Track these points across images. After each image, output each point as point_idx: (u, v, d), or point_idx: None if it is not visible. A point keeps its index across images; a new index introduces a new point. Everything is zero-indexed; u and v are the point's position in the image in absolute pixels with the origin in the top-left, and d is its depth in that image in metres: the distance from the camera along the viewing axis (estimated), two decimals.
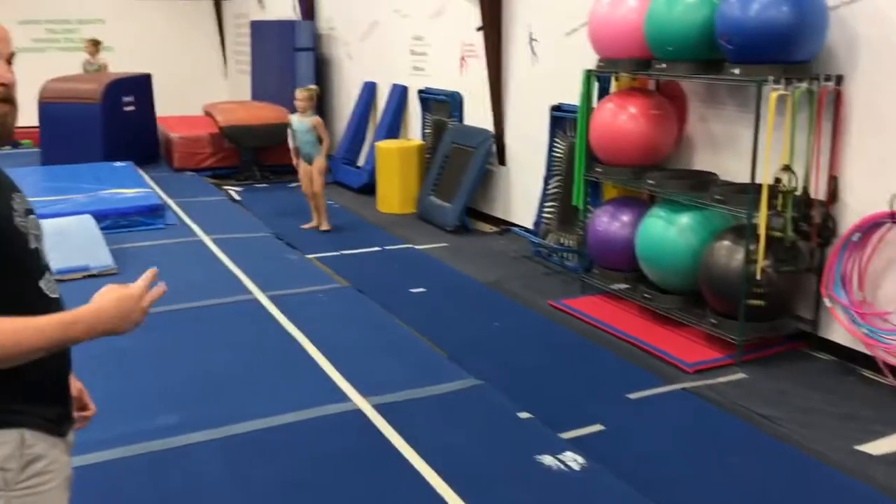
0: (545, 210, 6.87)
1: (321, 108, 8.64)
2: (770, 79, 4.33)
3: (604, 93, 5.81)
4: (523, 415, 3.91)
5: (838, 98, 4.44)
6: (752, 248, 4.44)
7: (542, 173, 6.89)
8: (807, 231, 4.56)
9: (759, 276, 4.42)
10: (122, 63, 12.44)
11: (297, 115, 7.62)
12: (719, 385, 4.30)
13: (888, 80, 4.25)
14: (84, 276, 5.83)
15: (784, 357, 4.65)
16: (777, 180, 4.44)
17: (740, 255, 4.50)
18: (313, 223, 7.83)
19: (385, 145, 8.76)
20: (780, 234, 4.46)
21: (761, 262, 4.40)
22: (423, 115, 8.89)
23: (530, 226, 7.03)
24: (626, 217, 5.39)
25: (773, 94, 4.32)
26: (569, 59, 6.24)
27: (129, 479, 3.35)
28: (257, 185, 10.08)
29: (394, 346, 4.83)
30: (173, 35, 14.87)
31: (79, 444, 1.88)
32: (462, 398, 4.11)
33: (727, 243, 4.63)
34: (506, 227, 7.55)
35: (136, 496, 3.26)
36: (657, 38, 4.93)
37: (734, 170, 5.04)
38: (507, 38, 7.33)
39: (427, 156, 8.64)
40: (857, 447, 3.66)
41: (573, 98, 5.94)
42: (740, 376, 4.41)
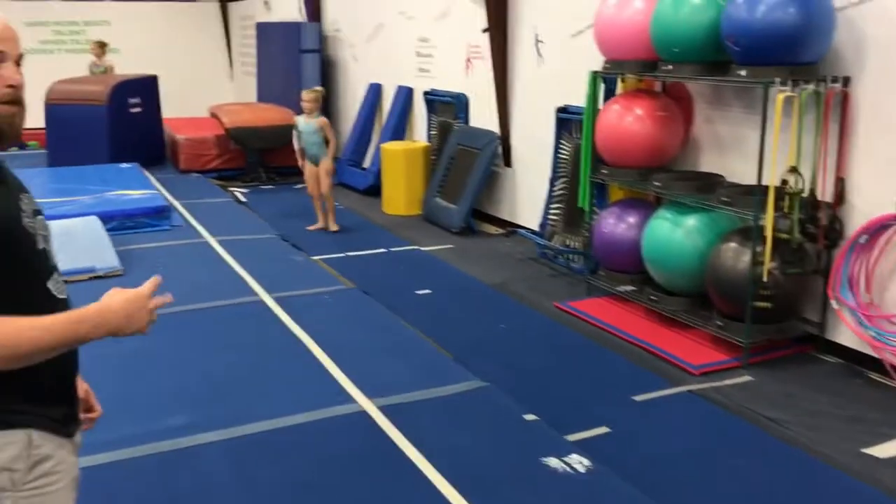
0: (551, 212, 6.86)
1: (327, 109, 8.64)
2: (777, 80, 4.32)
3: (610, 94, 5.80)
4: (529, 417, 3.90)
5: (845, 99, 4.43)
6: (758, 249, 4.43)
7: (547, 175, 6.88)
8: (814, 233, 4.54)
9: (765, 279, 4.41)
10: (128, 65, 12.48)
11: (303, 117, 7.63)
12: (726, 387, 4.29)
13: None
14: (90, 278, 5.84)
15: (791, 360, 4.63)
16: (784, 182, 4.43)
17: (747, 257, 4.48)
18: (319, 225, 7.83)
19: (390, 147, 8.76)
20: (786, 236, 4.45)
21: (768, 264, 4.39)
22: (429, 116, 8.90)
23: (536, 227, 7.03)
24: (632, 219, 5.39)
25: (779, 95, 4.30)
26: (575, 61, 6.24)
27: (137, 480, 3.36)
28: (263, 187, 10.09)
29: (399, 347, 4.83)
30: (179, 37, 14.91)
31: (86, 445, 1.88)
32: (468, 400, 4.11)
33: (734, 245, 4.62)
34: (511, 228, 7.55)
35: (144, 497, 3.27)
36: (663, 40, 4.92)
37: (741, 171, 5.02)
38: (513, 39, 7.33)
39: (432, 157, 8.64)
40: (865, 450, 3.65)
41: (579, 99, 5.94)
42: (747, 379, 4.40)
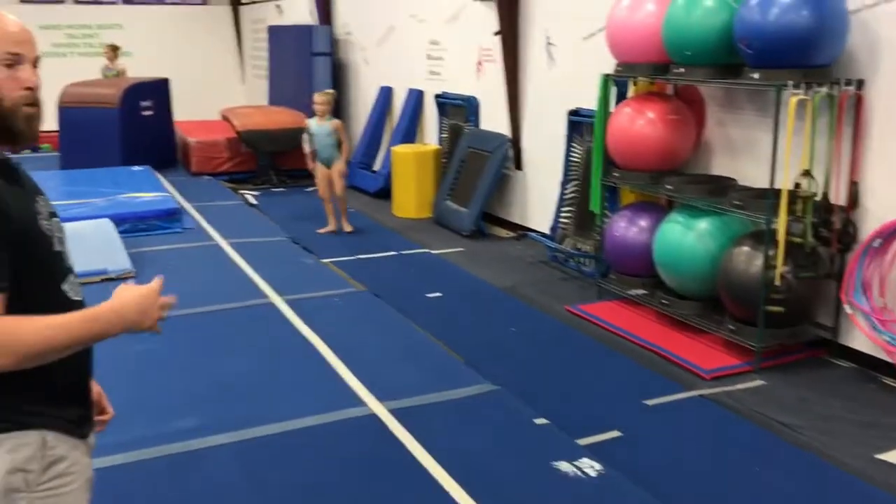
0: (562, 215, 6.85)
1: (338, 112, 8.65)
2: (790, 83, 4.30)
3: (621, 97, 5.79)
4: (540, 420, 3.89)
5: (859, 102, 4.41)
6: (771, 253, 4.41)
7: (559, 178, 6.87)
8: (827, 237, 4.52)
9: (778, 283, 4.38)
10: (140, 68, 12.54)
11: (315, 119, 7.64)
12: (737, 392, 4.27)
13: None
14: (102, 280, 5.86)
15: (804, 364, 4.61)
16: (797, 185, 4.40)
17: (759, 261, 4.46)
18: (329, 227, 7.84)
19: (401, 150, 8.77)
20: (799, 240, 4.43)
21: (780, 268, 4.37)
22: (440, 119, 8.90)
23: (547, 231, 7.02)
24: (643, 222, 5.37)
25: (792, 98, 4.29)
26: (586, 64, 6.22)
27: (148, 482, 3.37)
28: (274, 190, 10.12)
29: (410, 350, 4.83)
30: (191, 40, 14.97)
31: (98, 447, 1.89)
32: (478, 403, 4.10)
33: (746, 249, 4.60)
34: (522, 231, 7.54)
35: (155, 499, 3.27)
36: (675, 43, 4.90)
37: (753, 175, 5.00)
38: (525, 42, 7.32)
39: (443, 160, 8.64)
40: (878, 455, 3.62)
41: (590, 102, 5.92)
42: (759, 383, 4.37)
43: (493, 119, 7.89)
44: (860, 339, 4.49)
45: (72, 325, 1.56)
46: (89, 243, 6.36)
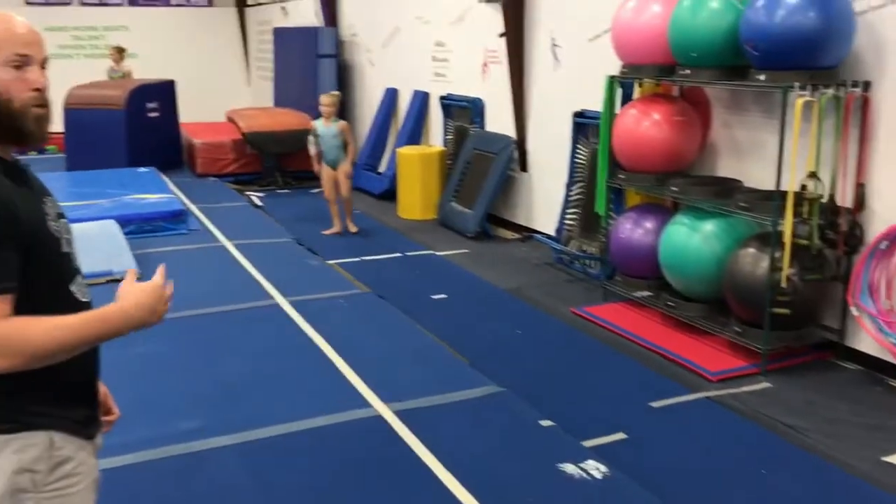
0: (567, 217, 6.84)
1: (343, 114, 8.66)
2: (796, 85, 4.29)
3: (627, 99, 5.78)
4: (545, 422, 3.89)
5: (865, 104, 4.39)
6: (777, 255, 4.40)
7: (564, 180, 6.86)
8: (833, 239, 4.50)
9: (784, 285, 4.37)
10: (146, 70, 12.57)
11: (321, 121, 7.65)
12: (743, 394, 4.26)
13: None
14: (108, 281, 5.86)
15: (810, 367, 4.60)
16: (803, 187, 4.39)
17: (765, 263, 4.45)
18: (335, 229, 7.84)
19: (406, 151, 8.77)
20: (805, 242, 4.41)
21: (787, 270, 4.36)
22: (445, 121, 8.90)
23: (552, 232, 7.01)
24: (649, 224, 5.36)
25: (799, 100, 4.27)
26: (592, 65, 6.22)
27: (153, 483, 3.37)
28: (279, 191, 10.12)
29: (415, 352, 4.83)
30: (197, 42, 15.01)
31: (104, 447, 1.89)
32: (483, 405, 4.10)
33: (752, 251, 4.59)
34: (527, 233, 7.53)
35: (160, 500, 3.28)
36: (681, 44, 4.90)
37: (759, 177, 4.99)
38: (530, 43, 7.32)
39: (448, 162, 8.64)
40: (885, 458, 3.61)
41: (596, 104, 5.92)
42: (765, 385, 4.36)
43: (499, 121, 7.89)
44: (867, 341, 4.48)
45: (80, 325, 1.57)
46: (95, 244, 6.37)
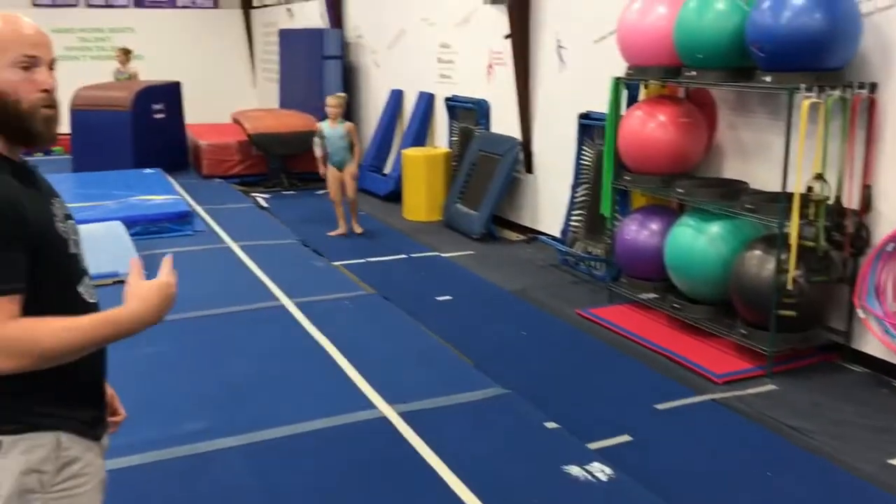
0: (573, 218, 6.84)
1: (348, 115, 8.67)
2: (802, 86, 4.28)
3: (633, 100, 5.78)
4: (550, 424, 3.88)
5: (872, 105, 4.38)
6: (783, 257, 4.39)
7: (569, 181, 6.86)
8: (839, 241, 4.49)
9: (790, 287, 4.36)
10: (152, 71, 12.60)
11: (328, 122, 7.66)
12: (749, 396, 4.25)
13: None
14: (113, 282, 5.87)
15: (816, 369, 4.58)
16: (809, 189, 4.38)
17: (771, 265, 4.44)
18: (340, 230, 7.85)
19: (412, 153, 8.77)
20: (812, 244, 4.41)
21: (793, 272, 4.35)
22: (450, 122, 8.90)
23: (558, 234, 7.00)
24: (654, 226, 5.35)
25: (805, 101, 4.27)
26: (597, 67, 6.22)
27: (159, 484, 3.38)
28: (285, 193, 10.14)
29: (420, 353, 4.83)
30: (203, 44, 15.04)
31: (110, 448, 1.89)
32: (488, 407, 4.10)
33: (758, 253, 4.58)
34: (533, 235, 7.53)
35: (166, 501, 3.28)
36: (687, 46, 4.89)
37: (765, 178, 4.98)
38: (535, 45, 7.32)
39: (454, 163, 8.64)
40: (890, 460, 3.60)
41: (601, 106, 5.91)
42: (771, 388, 4.35)
43: (504, 122, 7.89)
44: (873, 343, 4.46)
45: (89, 327, 1.57)
46: (100, 246, 6.37)
